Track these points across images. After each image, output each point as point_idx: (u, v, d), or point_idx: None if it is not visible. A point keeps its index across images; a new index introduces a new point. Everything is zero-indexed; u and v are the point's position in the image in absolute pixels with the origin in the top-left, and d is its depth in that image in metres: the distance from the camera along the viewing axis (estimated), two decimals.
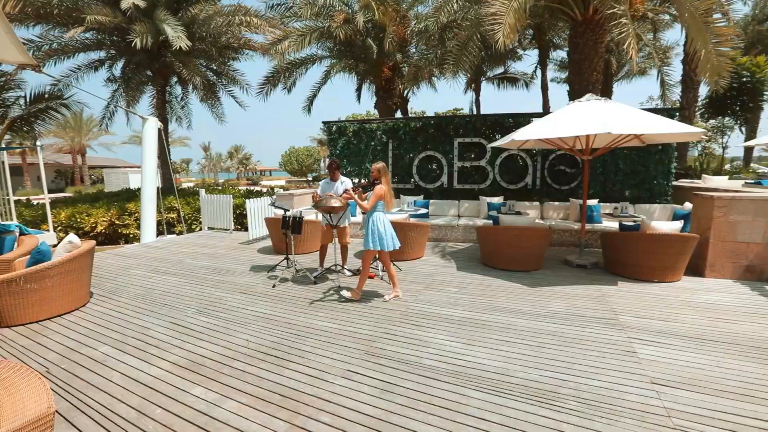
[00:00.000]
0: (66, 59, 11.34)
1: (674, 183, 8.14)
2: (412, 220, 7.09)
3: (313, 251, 6.82)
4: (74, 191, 24.41)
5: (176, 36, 9.56)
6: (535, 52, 17.28)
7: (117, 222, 10.20)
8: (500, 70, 19.94)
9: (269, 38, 10.93)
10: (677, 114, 8.07)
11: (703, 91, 13.79)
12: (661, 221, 5.85)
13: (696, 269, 5.26)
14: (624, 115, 4.78)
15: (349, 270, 5.54)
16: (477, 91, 20.05)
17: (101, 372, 2.94)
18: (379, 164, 4.29)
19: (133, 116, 9.20)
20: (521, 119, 8.27)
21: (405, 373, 2.84)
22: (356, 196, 4.33)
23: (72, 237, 4.39)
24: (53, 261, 4.00)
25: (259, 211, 8.21)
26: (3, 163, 8.52)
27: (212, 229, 9.53)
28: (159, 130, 8.62)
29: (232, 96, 14.23)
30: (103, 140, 34.26)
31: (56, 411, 2.46)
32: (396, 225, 6.13)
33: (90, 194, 13.70)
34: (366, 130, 9.38)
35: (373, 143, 9.36)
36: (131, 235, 10.14)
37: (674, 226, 5.11)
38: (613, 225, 6.83)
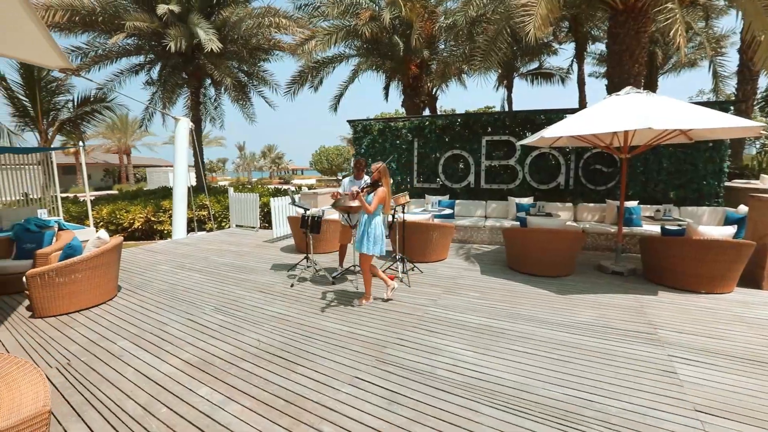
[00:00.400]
0: (109, 64, 12.03)
1: (727, 183, 7.42)
2: (436, 220, 6.90)
3: (334, 251, 6.77)
4: (118, 189, 25.97)
5: (208, 38, 9.86)
6: (572, 45, 16.47)
7: (152, 218, 10.67)
8: (534, 65, 19.17)
9: (297, 39, 11.04)
10: (731, 108, 7.35)
11: (763, 82, 12.58)
12: (711, 226, 5.31)
13: (751, 280, 4.72)
14: (668, 108, 4.36)
15: None
16: (509, 88, 19.37)
17: (117, 366, 3.00)
18: (380, 164, 4.09)
19: (168, 117, 9.56)
20: (554, 116, 7.83)
21: (414, 383, 2.69)
22: (362, 198, 4.08)
23: (101, 233, 4.57)
24: (82, 256, 4.17)
25: (282, 209, 8.29)
26: (52, 162, 9.13)
27: (240, 226, 9.75)
28: (191, 130, 8.90)
29: (262, 96, 14.56)
30: (146, 141, 36.26)
31: (70, 404, 2.53)
32: (418, 226, 5.98)
33: (130, 192, 14.45)
34: (391, 129, 9.25)
35: (398, 142, 9.22)
36: (165, 231, 10.58)
37: (726, 232, 4.61)
38: (654, 229, 6.30)
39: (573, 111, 7.64)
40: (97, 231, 10.39)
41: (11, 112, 11.03)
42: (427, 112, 15.14)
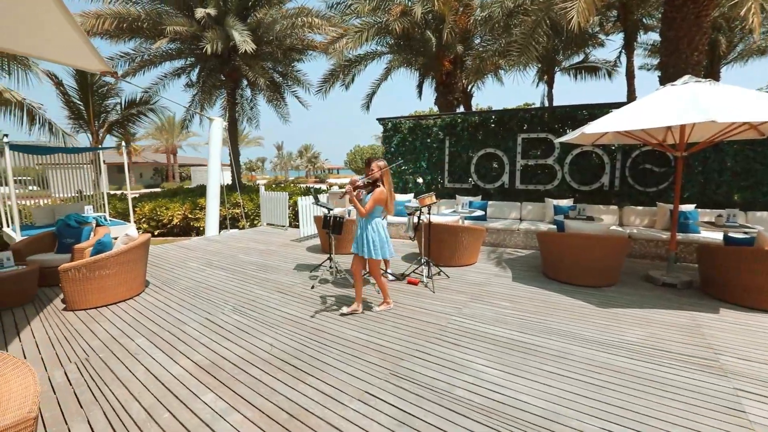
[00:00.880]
0: (153, 69, 12.65)
1: None
2: (466, 222, 6.57)
3: None
4: (162, 187, 27.48)
5: (242, 40, 10.07)
6: (620, 36, 15.33)
7: (189, 216, 11.07)
8: (578, 58, 18.07)
9: (328, 38, 11.03)
10: None
11: None
12: None
13: None
14: (735, 99, 3.78)
15: (392, 274, 5.23)
16: (550, 83, 18.38)
17: (130, 365, 2.99)
18: (381, 162, 3.79)
19: (205, 118, 9.88)
20: (597, 111, 7.21)
21: (429, 404, 2.44)
22: (353, 196, 3.76)
23: (130, 230, 4.68)
24: (110, 252, 4.28)
25: (309, 209, 8.26)
26: (100, 161, 9.70)
27: (271, 225, 9.87)
28: (224, 129, 9.11)
29: (296, 96, 14.75)
30: (190, 141, 38.21)
31: (79, 402, 2.51)
32: (446, 228, 5.69)
33: (170, 189, 15.16)
34: (422, 127, 8.97)
35: (429, 140, 8.92)
36: (201, 228, 10.92)
37: None
38: (715, 236, 5.61)
39: (619, 105, 7.00)
40: (138, 227, 10.95)
41: (67, 115, 11.91)
42: (461, 111, 14.67)
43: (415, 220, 5.23)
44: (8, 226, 8.15)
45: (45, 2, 2.72)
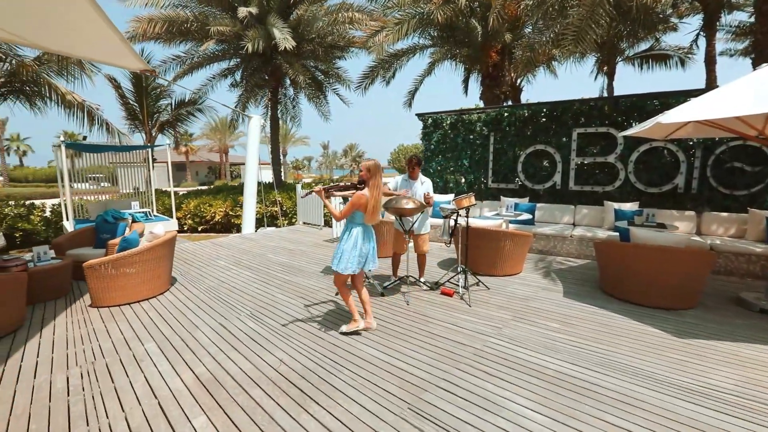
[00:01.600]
0: (201, 70, 13.11)
1: None
2: (511, 226, 5.91)
3: (385, 256, 6.20)
4: (209, 185, 28.87)
5: (282, 37, 10.04)
6: (696, 18, 13.52)
7: (230, 213, 11.28)
8: (645, 45, 16.27)
9: (368, 32, 10.70)
10: None
11: None
12: None
13: None
14: None
15: (427, 284, 4.74)
16: (610, 75, 16.72)
17: (132, 374, 2.79)
18: (370, 162, 3.30)
19: (246, 116, 9.98)
20: (672, 100, 6.20)
21: None
22: (324, 198, 3.39)
23: (157, 228, 4.61)
24: (132, 250, 4.21)
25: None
26: (151, 159, 10.11)
27: (306, 224, 9.75)
28: (262, 127, 9.10)
29: (337, 94, 14.63)
30: (241, 141, 39.92)
31: (69, 415, 2.32)
32: (486, 232, 5.10)
33: (216, 187, 15.70)
34: (464, 122, 8.35)
35: (471, 137, 8.28)
36: (240, 225, 11.09)
37: None
38: None
39: (699, 93, 5.95)
40: (183, 223, 11.33)
41: (124, 116, 12.69)
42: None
43: (451, 223, 4.70)
44: (67, 220, 8.71)
45: (82, 5, 2.68)
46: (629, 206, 6.40)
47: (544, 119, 7.43)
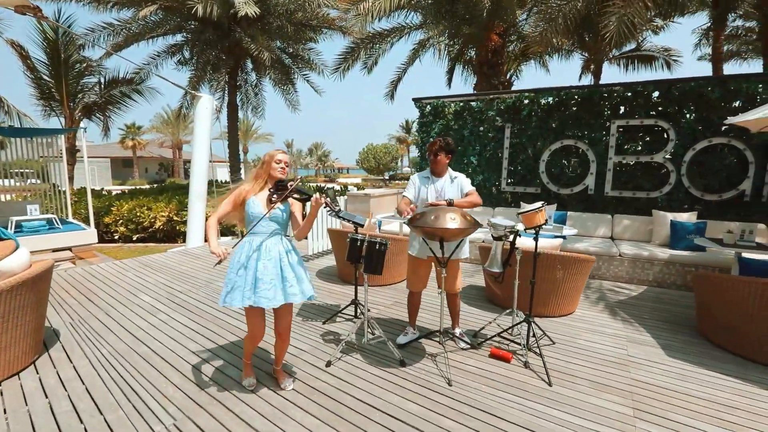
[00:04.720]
0: (142, 44, 10.68)
1: None
2: (548, 243, 4.39)
3: (397, 282, 4.53)
4: (167, 182, 25.77)
5: (243, 1, 8.04)
6: (686, 19, 12.97)
7: (175, 218, 9.08)
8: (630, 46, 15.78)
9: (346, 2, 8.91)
10: None
11: None
12: None
13: None
14: None
15: (465, 340, 3.08)
16: (597, 75, 16.10)
17: None
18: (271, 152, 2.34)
19: (194, 96, 7.89)
20: (744, 84, 5.01)
21: None
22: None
23: (11, 259, 2.63)
24: None
25: (322, 217, 6.13)
26: (73, 149, 7.72)
27: None
28: (214, 110, 7.08)
29: (307, 80, 12.70)
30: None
31: None
32: (543, 258, 3.53)
33: (158, 186, 13.23)
34: (472, 111, 6.82)
35: (481, 129, 6.77)
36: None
37: None
38: None
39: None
40: (113, 231, 8.96)
41: (36, 94, 10.00)
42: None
43: (505, 246, 3.06)
44: None
45: None
46: (686, 217, 5.14)
47: (575, 108, 6.04)
